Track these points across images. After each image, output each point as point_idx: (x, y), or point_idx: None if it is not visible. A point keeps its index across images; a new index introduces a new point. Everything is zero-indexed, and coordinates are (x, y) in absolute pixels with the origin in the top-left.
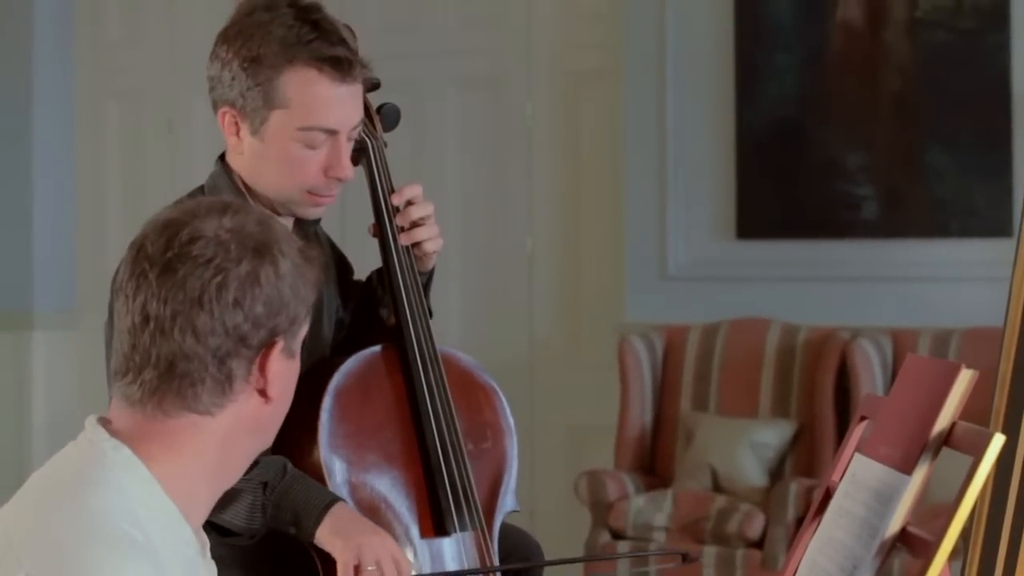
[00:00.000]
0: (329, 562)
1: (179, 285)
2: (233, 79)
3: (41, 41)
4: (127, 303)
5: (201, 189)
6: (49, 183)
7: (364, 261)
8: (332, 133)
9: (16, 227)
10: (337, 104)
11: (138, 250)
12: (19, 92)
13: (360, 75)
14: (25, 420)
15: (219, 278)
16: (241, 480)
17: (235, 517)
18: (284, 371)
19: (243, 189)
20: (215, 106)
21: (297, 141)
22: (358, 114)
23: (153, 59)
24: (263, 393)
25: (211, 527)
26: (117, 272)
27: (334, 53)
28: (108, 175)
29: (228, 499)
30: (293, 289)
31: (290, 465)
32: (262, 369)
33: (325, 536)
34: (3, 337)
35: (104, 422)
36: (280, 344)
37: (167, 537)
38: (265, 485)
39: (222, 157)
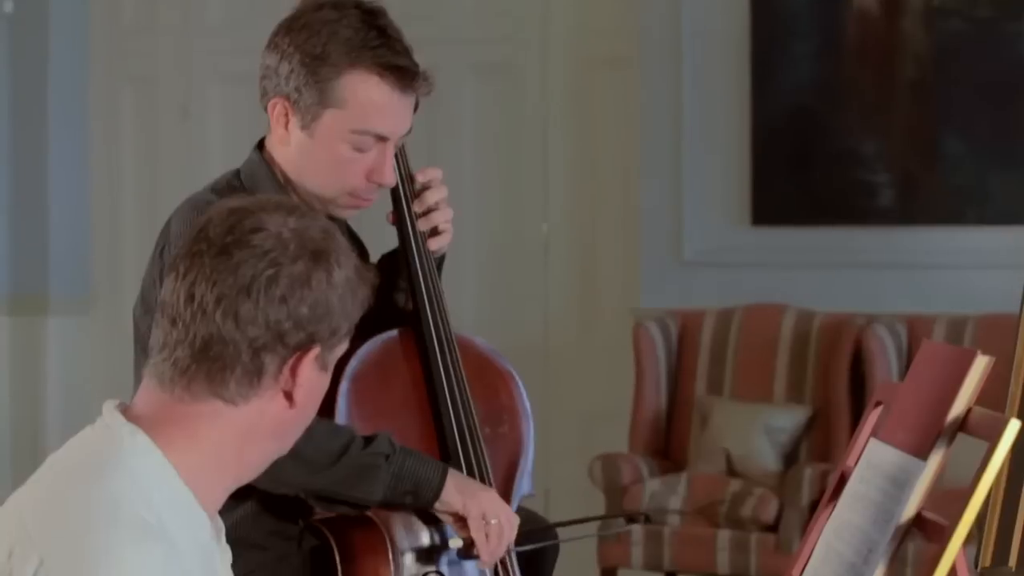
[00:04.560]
0: (347, 542)
1: (231, 270)
2: (291, 72)
3: (56, 27)
4: (177, 280)
5: (237, 174)
6: (64, 169)
7: (373, 245)
8: (382, 139)
9: (32, 213)
10: (392, 112)
11: (199, 230)
12: (34, 78)
13: (420, 88)
14: (40, 404)
15: (271, 271)
16: (369, 455)
17: (372, 493)
18: (314, 380)
19: (283, 182)
20: (264, 94)
21: (346, 142)
22: (408, 123)
23: (168, 45)
24: (289, 396)
25: (325, 501)
26: (160, 254)
27: (398, 62)
28: (123, 161)
29: (363, 475)
30: (341, 301)
31: (393, 437)
32: (293, 371)
33: (451, 495)
34: (18, 322)
35: (122, 407)
36: (316, 351)
37: (181, 521)
38: (387, 457)
39: (260, 145)
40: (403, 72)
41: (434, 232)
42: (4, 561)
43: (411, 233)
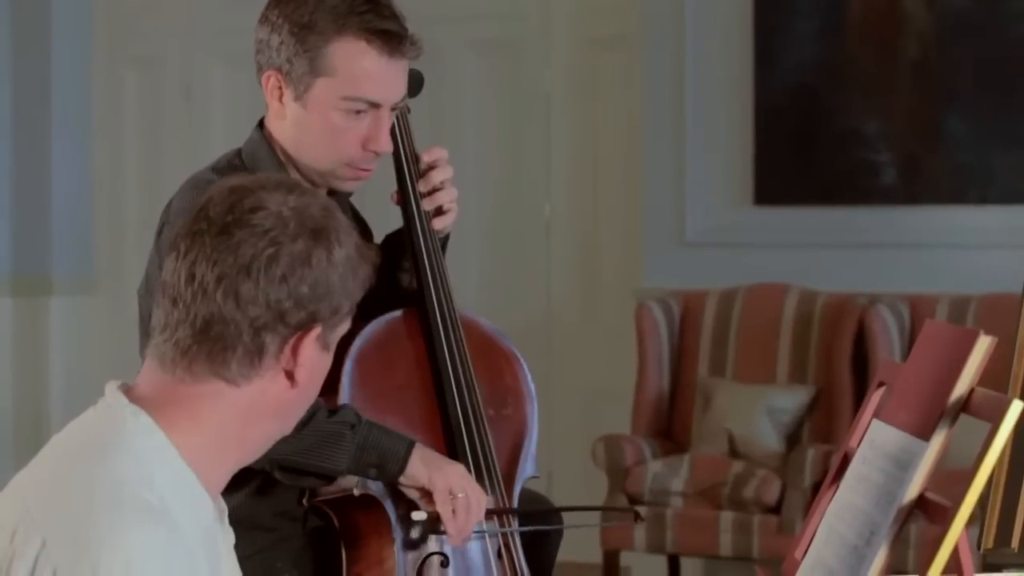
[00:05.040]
0: (350, 523)
1: (231, 249)
2: (281, 43)
3: (59, 8)
4: (177, 259)
5: (238, 153)
6: (67, 149)
7: (377, 225)
8: (375, 106)
9: (35, 193)
10: (382, 77)
11: (200, 209)
12: (37, 60)
13: (409, 52)
14: (43, 385)
15: (272, 250)
16: (333, 423)
17: (336, 463)
18: (315, 360)
19: (283, 159)
20: (259, 69)
21: (339, 110)
22: (402, 89)
23: (170, 26)
24: (290, 376)
25: (297, 473)
26: (159, 235)
27: (385, 27)
28: (126, 142)
29: (327, 443)
30: (342, 280)
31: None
32: (294, 351)
33: (417, 469)
34: (22, 302)
35: (125, 388)
36: (317, 331)
37: (184, 503)
38: (353, 427)
39: (261, 124)
40: (390, 36)
41: (439, 212)
42: (7, 544)
43: (416, 213)
